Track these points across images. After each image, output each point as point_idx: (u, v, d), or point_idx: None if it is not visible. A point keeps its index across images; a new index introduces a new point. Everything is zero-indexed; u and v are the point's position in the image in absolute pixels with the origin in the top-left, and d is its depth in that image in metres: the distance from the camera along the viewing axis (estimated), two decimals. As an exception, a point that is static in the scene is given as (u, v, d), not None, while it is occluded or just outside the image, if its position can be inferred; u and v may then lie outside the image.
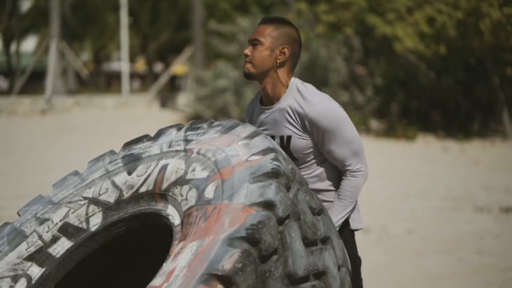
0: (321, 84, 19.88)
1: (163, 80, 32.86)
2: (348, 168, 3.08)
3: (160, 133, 3.04)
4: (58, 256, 2.91)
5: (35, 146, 16.86)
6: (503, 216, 8.39)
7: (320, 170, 3.10)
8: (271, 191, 2.47)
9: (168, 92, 33.35)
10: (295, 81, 3.08)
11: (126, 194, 2.88)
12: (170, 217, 2.69)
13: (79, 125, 22.59)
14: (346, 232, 3.15)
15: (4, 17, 37.87)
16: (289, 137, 3.05)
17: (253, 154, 2.64)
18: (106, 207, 2.91)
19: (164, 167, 2.82)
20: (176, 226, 2.63)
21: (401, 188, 10.34)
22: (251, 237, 2.33)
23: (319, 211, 2.75)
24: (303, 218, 2.57)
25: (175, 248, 2.48)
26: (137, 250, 3.27)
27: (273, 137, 3.10)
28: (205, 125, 2.92)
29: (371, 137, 17.71)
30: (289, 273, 2.45)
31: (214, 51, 26.78)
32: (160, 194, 2.78)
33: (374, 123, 19.19)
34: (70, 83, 32.95)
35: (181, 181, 2.72)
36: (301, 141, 3.03)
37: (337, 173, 3.14)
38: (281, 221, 2.45)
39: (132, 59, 42.43)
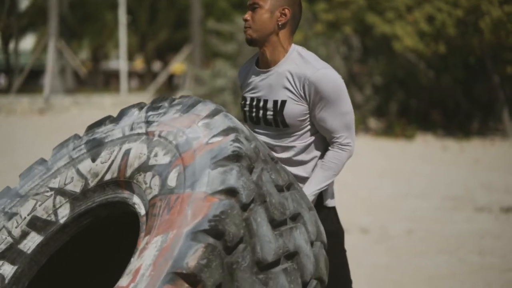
0: (320, 83, 19.80)
1: (161, 79, 32.79)
2: (337, 140, 3.01)
3: (122, 114, 2.91)
4: (29, 252, 2.80)
5: (33, 145, 16.78)
6: (503, 216, 8.34)
7: (311, 140, 3.03)
8: (233, 177, 2.38)
9: (166, 91, 33.31)
10: (295, 47, 3.00)
11: (92, 183, 2.77)
12: (136, 206, 2.60)
13: (77, 125, 22.51)
14: (324, 210, 3.08)
15: (2, 15, 37.79)
16: (283, 102, 2.96)
17: (214, 136, 2.54)
18: (73, 198, 2.80)
19: (127, 152, 2.72)
20: (142, 216, 2.55)
21: (401, 188, 10.29)
22: (215, 230, 2.25)
23: (288, 186, 2.66)
24: (269, 200, 2.48)
25: (141, 242, 2.40)
26: (112, 239, 3.18)
27: (265, 101, 3.01)
28: (166, 104, 2.81)
29: (370, 136, 17.66)
30: (257, 260, 2.37)
31: (212, 50, 26.72)
32: (125, 181, 2.67)
33: (373, 122, 19.14)
34: (68, 82, 32.90)
35: (144, 168, 2.62)
36: (296, 107, 2.95)
37: (325, 148, 3.07)
38: (245, 207, 2.37)
39: (131, 57, 42.36)
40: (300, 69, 2.92)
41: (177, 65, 35.80)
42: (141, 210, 2.57)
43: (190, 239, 2.25)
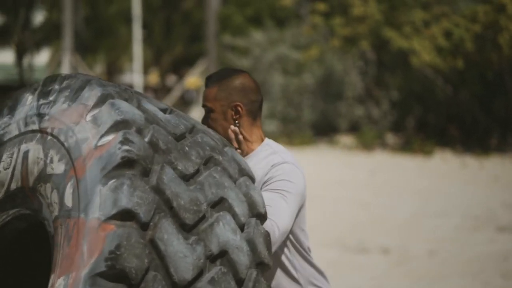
0: (336, 98, 19.67)
1: (176, 93, 32.77)
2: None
3: (16, 101, 2.51)
4: None
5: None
6: (527, 237, 8.15)
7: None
8: (124, 195, 2.05)
9: (181, 106, 33.25)
10: (267, 141, 2.77)
11: (0, 194, 2.43)
12: (46, 223, 2.28)
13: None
14: None
15: (17, 30, 37.96)
16: None
17: (102, 136, 2.17)
18: None
19: (26, 155, 2.36)
20: (51, 238, 2.23)
21: (420, 207, 10.10)
22: (113, 271, 1.98)
23: (207, 160, 2.29)
24: (176, 204, 2.12)
25: (50, 278, 2.12)
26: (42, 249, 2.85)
27: None
28: (56, 87, 2.41)
29: (387, 152, 17.50)
30: (174, 283, 2.05)
31: (227, 65, 26.66)
32: (31, 192, 2.34)
33: (390, 138, 18.95)
34: (83, 97, 32.88)
35: (43, 177, 2.28)
36: None
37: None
38: (145, 227, 2.05)
39: (145, 71, 42.42)
40: (268, 162, 2.67)
41: (192, 80, 35.80)
42: (51, 229, 2.25)
43: (89, 285, 1.98)
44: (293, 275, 2.73)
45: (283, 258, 2.72)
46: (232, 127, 2.66)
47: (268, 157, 2.70)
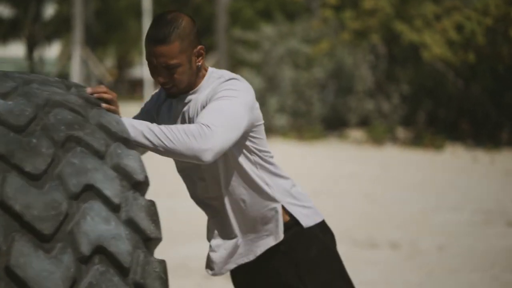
0: (346, 92, 19.60)
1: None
2: (200, 121, 2.46)
3: None
4: None
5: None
6: (538, 231, 8.09)
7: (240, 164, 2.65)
8: None
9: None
10: (211, 70, 2.68)
11: None
12: None
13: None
14: (304, 234, 2.74)
15: (27, 23, 38.00)
16: None
17: None
18: None
19: None
20: None
21: (430, 201, 10.05)
22: None
23: (63, 144, 1.98)
24: (28, 216, 1.83)
25: None
26: None
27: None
28: None
29: (398, 146, 17.43)
30: None
31: (237, 59, 26.61)
32: None
33: (400, 132, 18.88)
34: (93, 90, 32.89)
35: None
36: None
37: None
38: None
39: (156, 66, 42.50)
40: (212, 85, 2.62)
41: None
42: None
43: None
44: (267, 191, 2.69)
45: (252, 174, 2.67)
46: (90, 89, 2.31)
47: (213, 82, 2.63)
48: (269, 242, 2.72)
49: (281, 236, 2.71)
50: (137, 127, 2.35)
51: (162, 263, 2.09)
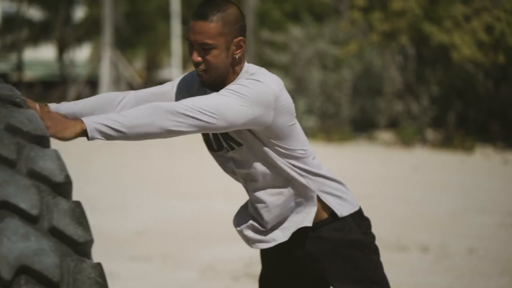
0: (375, 93, 19.53)
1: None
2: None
3: None
4: None
5: (84, 156, 16.84)
6: None
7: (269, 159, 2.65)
8: None
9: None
10: (248, 65, 2.68)
11: None
12: None
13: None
14: (340, 223, 2.76)
15: (58, 26, 38.33)
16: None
17: None
18: None
19: None
20: None
21: (460, 203, 9.99)
22: None
23: None
24: None
25: None
26: None
27: None
28: None
29: (427, 148, 17.34)
30: None
31: (265, 60, 26.64)
32: None
33: (430, 134, 18.77)
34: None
35: None
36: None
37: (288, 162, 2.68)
38: None
39: (184, 66, 42.59)
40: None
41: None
42: None
43: None
44: (301, 181, 2.69)
45: (282, 165, 2.67)
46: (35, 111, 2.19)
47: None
48: (302, 224, 2.73)
49: (311, 221, 2.72)
50: (100, 125, 2.33)
51: (97, 266, 1.94)
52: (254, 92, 2.54)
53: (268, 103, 2.57)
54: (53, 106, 2.67)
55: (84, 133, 2.31)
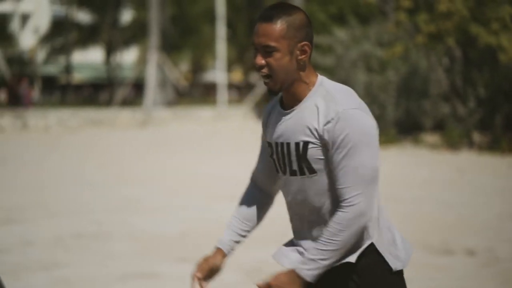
0: (420, 95, 19.37)
1: (259, 90, 32.84)
2: (342, 197, 2.47)
3: None
4: None
5: (129, 158, 17.02)
6: None
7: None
8: None
9: (265, 102, 33.34)
10: (321, 79, 2.60)
11: None
12: None
13: (174, 138, 22.80)
14: (386, 277, 2.58)
15: (106, 29, 38.74)
16: (306, 144, 2.52)
17: None
18: None
19: None
20: None
21: (507, 207, 9.85)
22: None
23: None
24: None
25: None
26: None
27: (288, 144, 2.55)
28: None
29: (474, 151, 17.13)
30: None
31: (311, 63, 26.59)
32: None
33: (477, 136, 18.55)
34: (168, 95, 33.38)
35: None
36: (317, 150, 2.51)
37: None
38: None
39: (229, 69, 42.74)
40: (328, 105, 2.52)
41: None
42: None
43: None
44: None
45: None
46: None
47: (321, 101, 2.55)
48: (345, 258, 2.60)
49: (355, 258, 2.59)
50: (313, 266, 2.49)
51: None
52: (373, 131, 2.56)
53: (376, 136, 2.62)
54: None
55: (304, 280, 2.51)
